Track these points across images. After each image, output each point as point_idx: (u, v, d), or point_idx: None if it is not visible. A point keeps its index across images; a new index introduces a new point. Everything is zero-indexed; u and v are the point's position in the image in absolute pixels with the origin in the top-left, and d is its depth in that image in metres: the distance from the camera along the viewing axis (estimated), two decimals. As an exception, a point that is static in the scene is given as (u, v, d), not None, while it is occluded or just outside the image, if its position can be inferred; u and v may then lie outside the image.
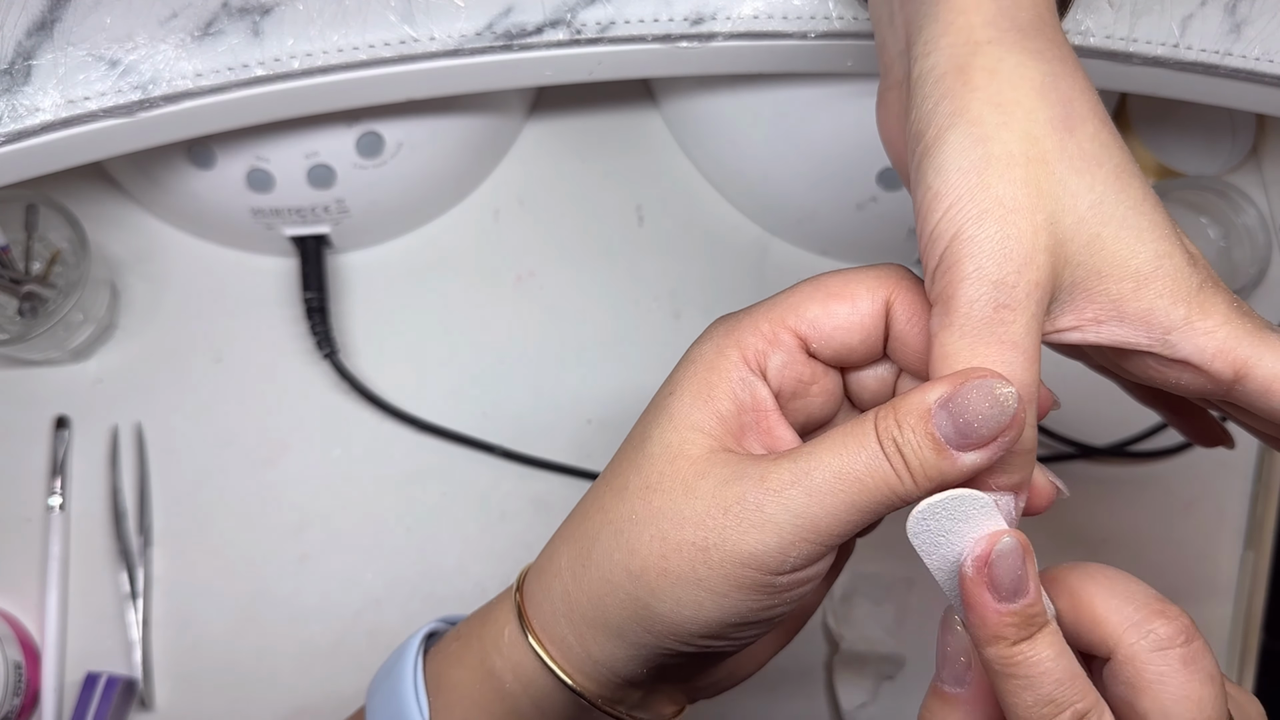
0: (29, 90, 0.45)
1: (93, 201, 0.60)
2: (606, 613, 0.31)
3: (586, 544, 0.32)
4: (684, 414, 0.31)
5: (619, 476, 0.32)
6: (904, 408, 0.28)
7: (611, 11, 0.48)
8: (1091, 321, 0.29)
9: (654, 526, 0.30)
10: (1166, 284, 0.29)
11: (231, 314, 0.60)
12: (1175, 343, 0.29)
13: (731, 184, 0.63)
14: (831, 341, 0.31)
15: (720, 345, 0.32)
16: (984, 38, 0.30)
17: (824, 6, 0.48)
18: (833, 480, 0.28)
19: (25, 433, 0.57)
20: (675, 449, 0.31)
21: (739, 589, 0.29)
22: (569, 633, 0.32)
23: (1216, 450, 0.63)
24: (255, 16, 0.46)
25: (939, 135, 0.29)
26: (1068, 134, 0.29)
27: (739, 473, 0.30)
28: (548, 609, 0.33)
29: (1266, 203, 0.66)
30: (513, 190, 0.63)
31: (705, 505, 0.30)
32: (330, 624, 0.56)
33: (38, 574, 0.55)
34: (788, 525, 0.29)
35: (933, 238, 0.28)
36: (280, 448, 0.58)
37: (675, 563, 0.30)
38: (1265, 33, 0.48)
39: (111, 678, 0.53)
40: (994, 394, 0.27)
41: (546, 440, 0.59)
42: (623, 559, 0.31)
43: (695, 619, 0.30)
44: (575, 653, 0.33)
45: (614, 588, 0.31)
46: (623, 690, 0.34)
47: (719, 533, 0.29)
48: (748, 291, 0.62)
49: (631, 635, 0.31)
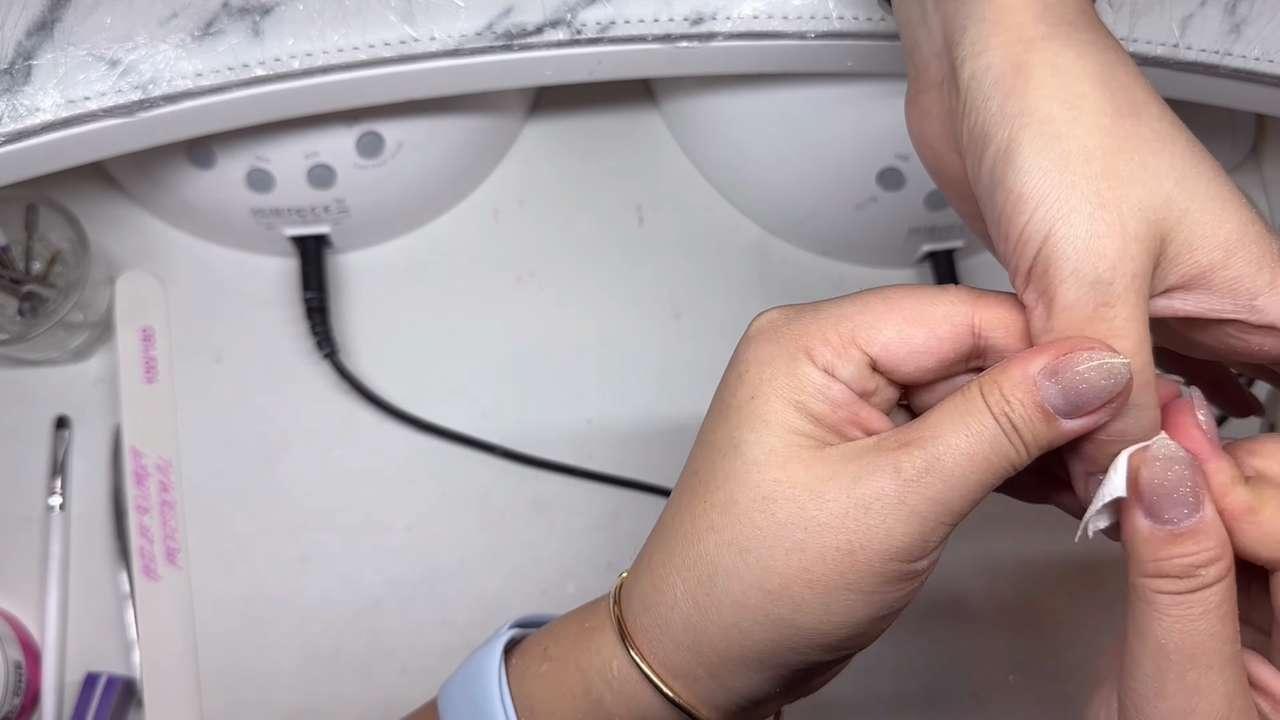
0: (29, 90, 0.45)
1: (93, 201, 0.60)
2: (745, 640, 0.30)
3: (706, 571, 0.30)
4: (779, 418, 0.30)
5: (720, 490, 0.30)
6: (1008, 382, 0.28)
7: (611, 11, 0.48)
8: (1180, 291, 0.30)
9: (787, 540, 0.29)
10: (1252, 251, 0.29)
11: (231, 314, 0.60)
12: (1262, 307, 0.30)
13: (731, 184, 0.63)
14: (905, 365, 0.31)
15: (791, 350, 0.31)
16: (1036, 34, 0.30)
17: (824, 6, 0.48)
18: (964, 464, 0.28)
19: (25, 433, 0.57)
20: (784, 453, 0.30)
21: (887, 583, 0.29)
22: (697, 667, 0.31)
23: (1216, 450, 0.63)
24: (255, 16, 0.46)
25: (1013, 136, 0.29)
26: (1136, 120, 0.29)
27: (868, 468, 0.29)
28: (668, 644, 0.31)
29: (1266, 203, 0.66)
30: (513, 190, 0.63)
31: (842, 507, 0.29)
32: (330, 624, 0.56)
33: (38, 574, 0.55)
34: (929, 514, 0.28)
35: (1023, 240, 0.28)
36: (280, 448, 0.58)
37: (820, 572, 0.29)
38: (1265, 33, 0.48)
39: (111, 678, 0.53)
40: (1107, 368, 0.27)
41: (546, 440, 0.59)
42: (756, 580, 0.29)
43: (846, 623, 0.29)
44: (704, 685, 0.31)
45: (750, 611, 0.30)
46: (748, 714, 0.33)
47: (863, 533, 0.28)
48: (748, 291, 0.62)
49: (772, 658, 0.30)
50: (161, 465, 0.57)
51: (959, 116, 0.31)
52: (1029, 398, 0.28)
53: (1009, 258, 0.29)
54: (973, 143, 0.30)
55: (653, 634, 0.31)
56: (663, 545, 0.31)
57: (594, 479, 0.58)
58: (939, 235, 0.60)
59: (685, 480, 0.32)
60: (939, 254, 0.61)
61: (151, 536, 0.55)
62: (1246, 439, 0.31)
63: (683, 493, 0.31)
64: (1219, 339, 0.31)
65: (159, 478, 0.56)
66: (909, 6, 0.35)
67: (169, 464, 0.57)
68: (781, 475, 0.29)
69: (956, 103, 0.31)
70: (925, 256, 0.62)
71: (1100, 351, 0.28)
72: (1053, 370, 0.28)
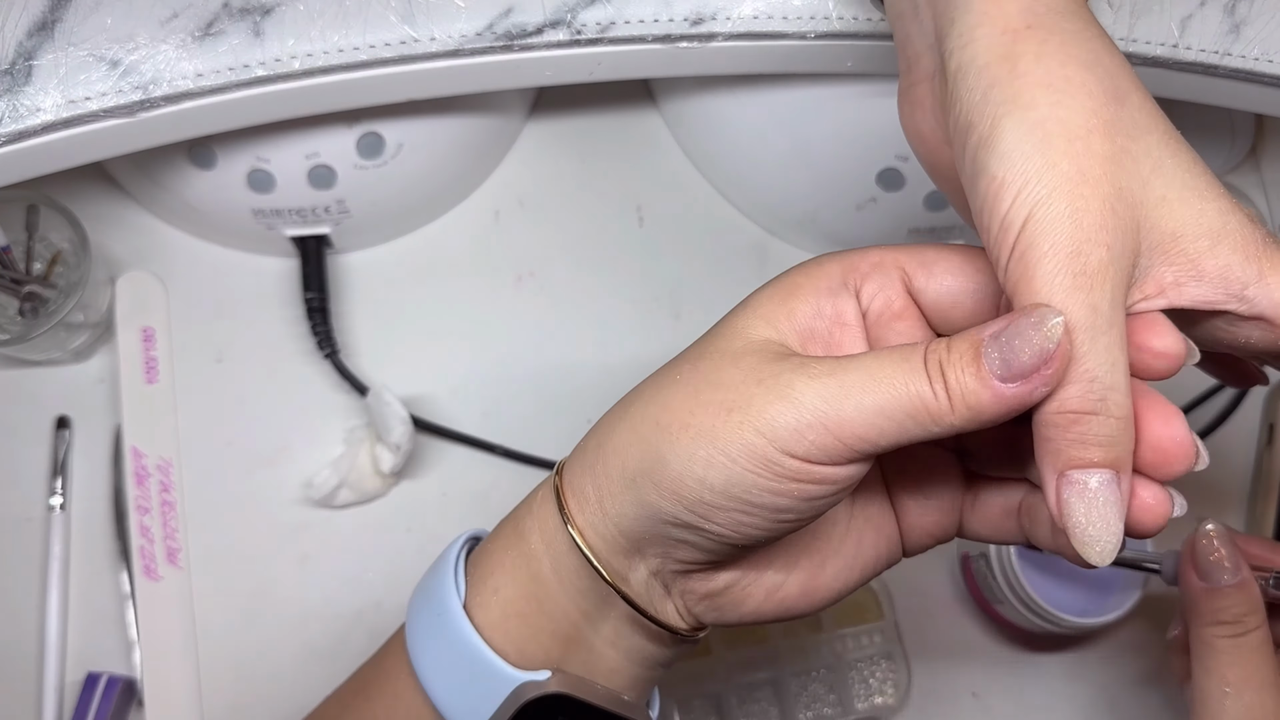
0: (30, 90, 0.45)
1: (94, 202, 0.60)
2: (625, 460, 0.32)
3: (629, 400, 0.33)
4: (758, 304, 0.33)
5: (681, 354, 0.33)
6: (957, 336, 0.29)
7: (611, 12, 0.48)
8: (1173, 285, 0.29)
9: (690, 386, 0.31)
10: (1237, 240, 0.29)
11: (232, 314, 0.60)
12: (1252, 297, 0.29)
13: (731, 184, 0.63)
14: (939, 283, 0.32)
15: (824, 260, 0.33)
16: (1022, 24, 0.30)
17: (824, 6, 0.48)
18: (867, 379, 0.29)
19: (26, 433, 0.57)
20: (736, 329, 0.32)
21: (749, 457, 0.29)
22: (589, 484, 0.33)
23: (1216, 450, 0.63)
24: (256, 17, 0.46)
25: (995, 123, 0.29)
26: (1119, 105, 0.29)
27: (783, 356, 0.31)
28: (577, 465, 0.34)
29: (1266, 203, 0.66)
30: (513, 190, 0.63)
31: (742, 375, 0.30)
32: (330, 624, 0.56)
33: (38, 574, 0.55)
34: (810, 407, 0.29)
35: (1004, 226, 0.28)
36: (280, 448, 0.58)
37: (699, 418, 0.30)
38: (1264, 33, 0.48)
39: (112, 678, 0.53)
40: (1042, 319, 0.27)
41: (546, 440, 0.59)
42: (655, 412, 0.32)
43: (702, 479, 0.30)
44: (590, 505, 0.33)
45: (638, 437, 0.32)
46: (628, 559, 0.33)
47: (745, 398, 0.30)
48: (748, 292, 0.62)
49: (641, 489, 0.32)
50: (162, 465, 0.57)
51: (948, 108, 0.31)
52: (970, 351, 0.28)
53: (992, 248, 0.29)
54: (958, 133, 0.30)
55: (573, 460, 0.34)
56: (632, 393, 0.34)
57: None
58: (939, 235, 0.61)
59: None
60: (939, 254, 0.61)
61: (152, 536, 0.56)
62: None
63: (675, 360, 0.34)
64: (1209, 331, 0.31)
65: (160, 478, 0.57)
66: (901, 1, 0.35)
67: (170, 464, 0.57)
68: (722, 344, 0.32)
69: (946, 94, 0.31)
70: (925, 257, 0.62)
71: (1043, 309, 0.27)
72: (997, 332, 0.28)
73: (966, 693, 0.58)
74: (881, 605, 0.58)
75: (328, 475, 0.56)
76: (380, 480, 0.57)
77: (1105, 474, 0.28)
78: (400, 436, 0.55)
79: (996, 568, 0.54)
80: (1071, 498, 0.28)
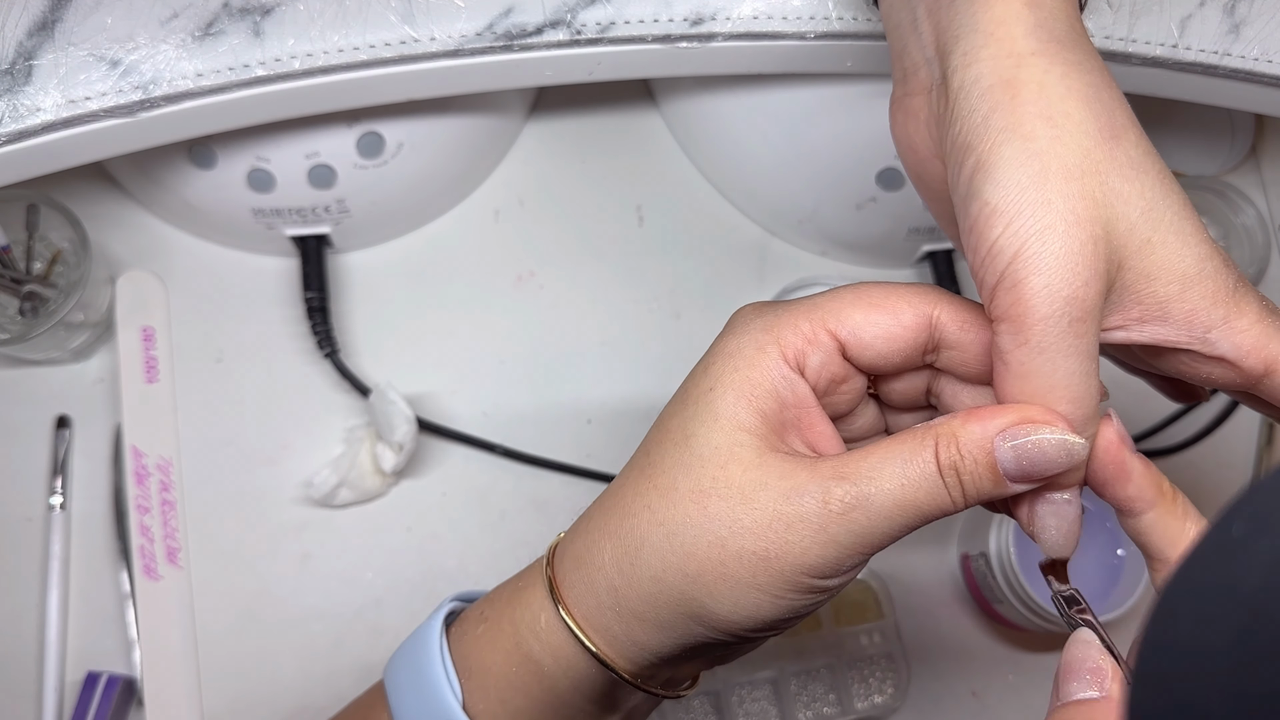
0: (30, 90, 0.45)
1: (94, 201, 0.60)
2: (659, 609, 0.32)
3: (634, 544, 0.32)
4: (729, 413, 0.32)
5: (664, 475, 0.32)
6: (966, 439, 0.30)
7: (611, 12, 0.48)
8: (1136, 321, 0.31)
9: (711, 533, 0.31)
10: (1209, 286, 0.30)
11: (232, 314, 0.60)
12: (1214, 340, 0.31)
13: (731, 184, 0.63)
14: (870, 349, 0.32)
15: (760, 341, 0.32)
16: (1026, 49, 0.30)
17: (824, 7, 0.48)
18: (893, 507, 0.30)
19: (26, 432, 0.57)
20: (726, 452, 0.32)
21: (795, 591, 0.31)
22: (615, 623, 0.33)
23: (1216, 450, 0.63)
24: (256, 17, 0.46)
25: (993, 149, 0.29)
26: (1115, 143, 0.30)
27: (798, 488, 0.31)
28: (591, 602, 0.34)
29: (1265, 203, 0.66)
30: (513, 190, 0.63)
31: (766, 517, 0.31)
32: (330, 624, 0.56)
33: (38, 574, 0.55)
34: (848, 544, 0.30)
35: (992, 253, 0.29)
36: (280, 448, 0.58)
37: (735, 569, 0.31)
38: (1264, 33, 0.48)
39: (112, 677, 0.53)
40: (1068, 447, 0.29)
41: (546, 440, 0.59)
42: (678, 562, 0.31)
43: (752, 618, 0.31)
44: (620, 641, 0.33)
45: (667, 587, 0.32)
46: (658, 669, 0.35)
47: (781, 545, 0.30)
48: (748, 292, 0.62)
49: (682, 628, 0.32)
50: (162, 465, 0.57)
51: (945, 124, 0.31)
52: (984, 456, 0.29)
53: (977, 270, 0.30)
54: (955, 151, 0.31)
55: (579, 590, 0.34)
56: (601, 513, 0.34)
57: (594, 479, 0.58)
58: (939, 235, 0.61)
59: (636, 459, 0.34)
60: (938, 254, 0.61)
61: (152, 536, 0.56)
62: None
63: (631, 470, 0.34)
64: (1173, 365, 0.32)
65: (160, 477, 0.57)
66: (899, 11, 0.35)
67: (169, 463, 0.57)
68: (720, 474, 0.31)
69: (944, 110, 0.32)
70: (925, 256, 0.62)
71: (1061, 428, 0.29)
72: (1013, 437, 0.29)
73: (966, 693, 0.58)
74: (881, 604, 0.58)
75: (327, 475, 0.56)
76: (380, 479, 0.57)
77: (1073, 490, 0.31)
78: (404, 435, 0.55)
79: (996, 567, 0.54)
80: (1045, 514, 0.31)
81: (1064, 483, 0.31)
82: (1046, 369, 0.29)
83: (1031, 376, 0.29)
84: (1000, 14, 0.31)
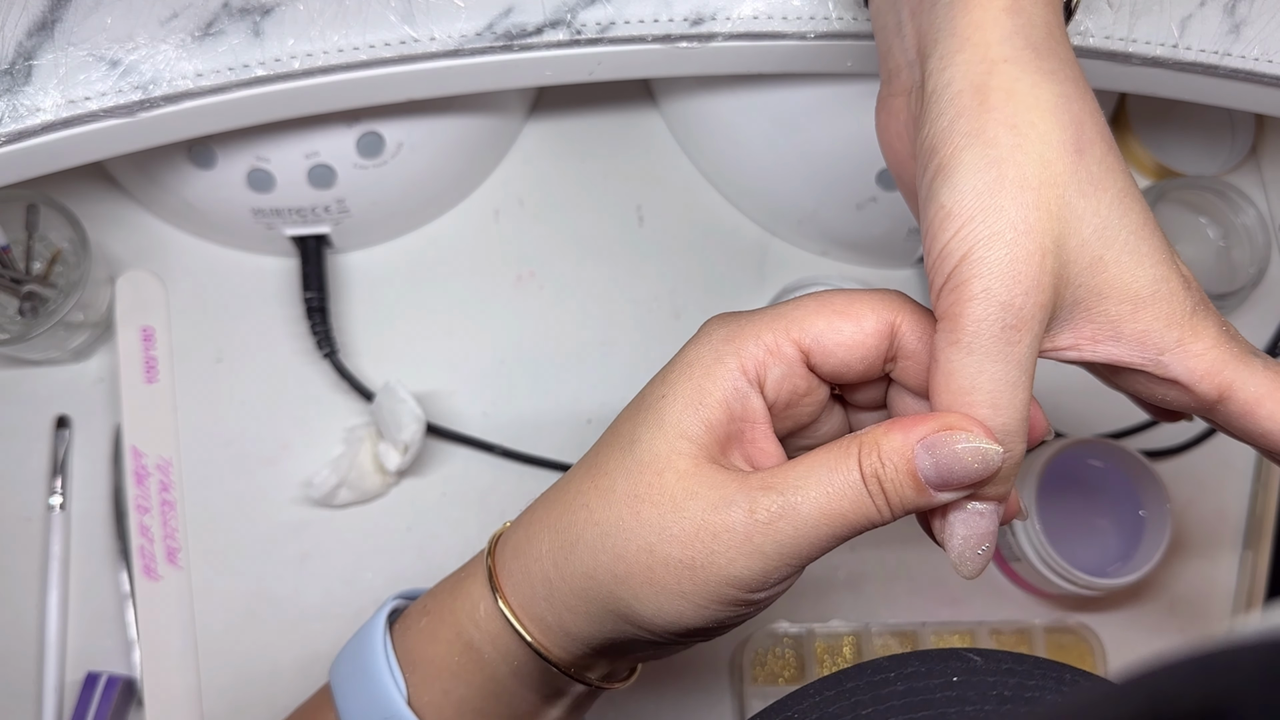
0: (30, 90, 0.45)
1: (93, 201, 0.60)
2: (589, 603, 0.33)
3: (570, 539, 0.33)
4: (674, 421, 0.32)
5: (605, 476, 0.33)
6: (887, 447, 0.30)
7: (611, 12, 0.48)
8: (1089, 340, 0.31)
9: (641, 538, 0.32)
10: (1163, 308, 0.30)
11: (232, 314, 0.60)
12: (1167, 364, 0.31)
13: (731, 184, 0.63)
14: (833, 358, 0.32)
15: (719, 352, 0.33)
16: (1000, 56, 0.30)
17: (824, 7, 0.48)
18: (818, 517, 0.30)
19: (26, 432, 0.57)
20: (664, 459, 0.32)
21: (720, 603, 0.31)
22: (548, 613, 0.34)
23: (1216, 450, 0.63)
24: (256, 17, 0.46)
25: (954, 154, 0.29)
26: (1078, 157, 0.30)
27: (727, 499, 0.31)
28: (527, 590, 0.35)
29: (1266, 203, 0.66)
30: (513, 190, 0.63)
31: (694, 527, 0.31)
32: (330, 624, 0.56)
33: (37, 574, 0.55)
34: (774, 555, 0.30)
35: (942, 255, 0.29)
36: (280, 448, 0.58)
37: (661, 575, 0.31)
38: (1264, 33, 0.48)
39: (111, 677, 0.53)
40: (982, 453, 0.29)
41: (546, 440, 0.59)
42: (608, 562, 0.32)
43: (676, 623, 0.32)
44: (553, 630, 0.34)
45: (597, 584, 0.33)
46: (592, 660, 0.36)
47: (707, 555, 0.31)
48: (748, 291, 0.62)
49: (610, 624, 0.33)
50: (162, 465, 0.57)
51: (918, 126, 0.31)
52: (904, 464, 0.30)
53: (929, 271, 0.30)
54: (922, 154, 0.31)
55: (516, 579, 0.35)
56: (544, 505, 0.35)
57: (594, 479, 0.58)
58: (939, 235, 0.61)
59: (586, 457, 0.35)
60: (939, 254, 0.61)
61: (152, 536, 0.56)
62: None
63: (579, 467, 0.35)
64: (1130, 385, 0.32)
65: (159, 477, 0.57)
66: (885, 13, 0.35)
67: (169, 464, 0.57)
68: (656, 480, 0.32)
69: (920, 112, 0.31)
70: (925, 256, 0.62)
71: (978, 435, 0.29)
72: (931, 444, 0.29)
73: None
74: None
75: (327, 474, 0.56)
76: (380, 480, 0.57)
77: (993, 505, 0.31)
78: (412, 435, 0.55)
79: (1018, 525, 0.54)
80: (955, 520, 0.31)
81: (988, 494, 0.31)
82: (971, 370, 0.29)
83: (956, 376, 0.29)
84: (978, 19, 0.31)
